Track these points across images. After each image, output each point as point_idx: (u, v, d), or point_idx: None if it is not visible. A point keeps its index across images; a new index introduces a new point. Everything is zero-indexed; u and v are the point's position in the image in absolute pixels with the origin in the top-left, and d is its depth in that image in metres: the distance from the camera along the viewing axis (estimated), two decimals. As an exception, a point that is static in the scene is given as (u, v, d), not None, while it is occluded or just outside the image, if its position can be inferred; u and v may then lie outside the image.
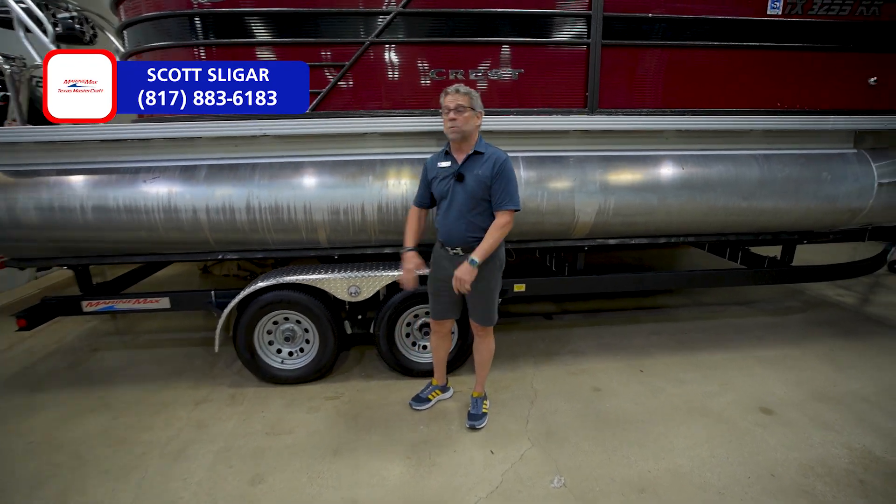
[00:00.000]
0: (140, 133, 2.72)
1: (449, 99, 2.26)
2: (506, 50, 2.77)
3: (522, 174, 2.87)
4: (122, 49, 2.95)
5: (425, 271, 2.64)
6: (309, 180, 2.78)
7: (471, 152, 2.32)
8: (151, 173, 2.75)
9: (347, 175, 2.81)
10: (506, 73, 2.80)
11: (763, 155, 3.16)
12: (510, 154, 2.39)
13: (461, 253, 2.41)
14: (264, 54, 2.71)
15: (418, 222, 2.58)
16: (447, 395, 2.93)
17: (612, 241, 3.34)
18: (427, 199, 2.53)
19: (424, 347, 3.24)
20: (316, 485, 2.26)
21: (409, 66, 2.74)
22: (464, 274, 2.31)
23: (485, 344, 2.64)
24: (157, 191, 2.73)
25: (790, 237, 3.58)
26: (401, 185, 2.82)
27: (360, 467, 2.37)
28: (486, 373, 2.75)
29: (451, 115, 2.24)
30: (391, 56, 2.71)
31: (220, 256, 3.08)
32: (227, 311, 2.96)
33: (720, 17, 2.88)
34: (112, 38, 3.46)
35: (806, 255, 4.03)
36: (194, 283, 5.40)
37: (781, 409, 2.83)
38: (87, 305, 3.13)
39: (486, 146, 2.34)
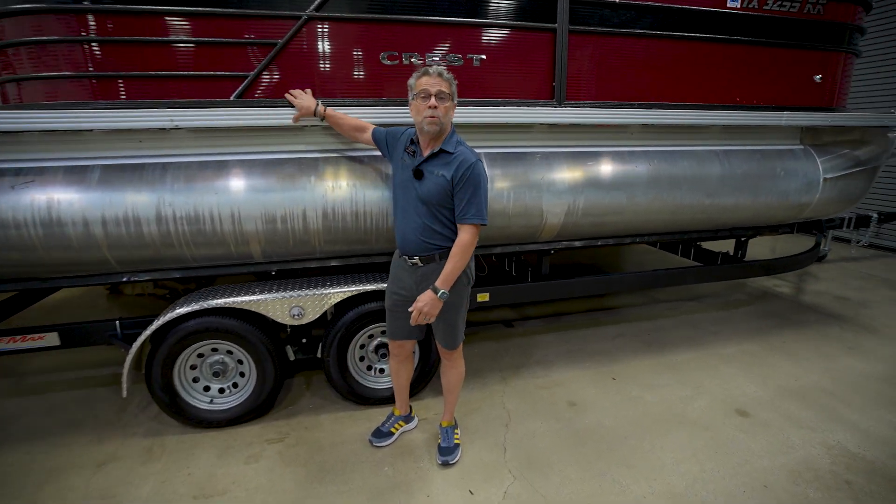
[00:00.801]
0: (5, 123, 2.09)
1: (428, 82, 1.88)
2: (467, 32, 2.46)
3: (486, 172, 2.57)
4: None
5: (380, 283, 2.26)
6: (236, 183, 2.29)
7: (437, 150, 1.98)
8: (22, 177, 2.13)
9: (284, 176, 2.36)
10: (467, 58, 2.49)
11: (723, 151, 3.12)
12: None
13: (420, 263, 2.07)
14: (175, 30, 2.18)
15: (354, 122, 2.28)
16: (412, 425, 2.57)
17: (578, 244, 3.15)
18: (382, 138, 2.20)
19: (382, 371, 2.85)
20: (260, 561, 1.82)
21: (356, 47, 2.35)
22: (425, 306, 1.98)
23: (453, 367, 2.31)
24: (33, 199, 2.12)
25: (745, 232, 3.60)
26: (349, 187, 2.42)
27: (315, 530, 1.95)
28: (456, 399, 2.43)
29: (433, 102, 1.87)
30: (334, 34, 2.30)
31: (124, 279, 2.49)
32: (136, 345, 2.40)
33: (683, 6, 2.76)
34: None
35: (727, 248, 4.10)
36: (99, 306, 4.58)
37: (755, 409, 2.77)
38: (-61, 349, 2.41)
39: (457, 144, 2.00)
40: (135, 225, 2.21)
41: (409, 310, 2.04)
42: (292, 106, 2.26)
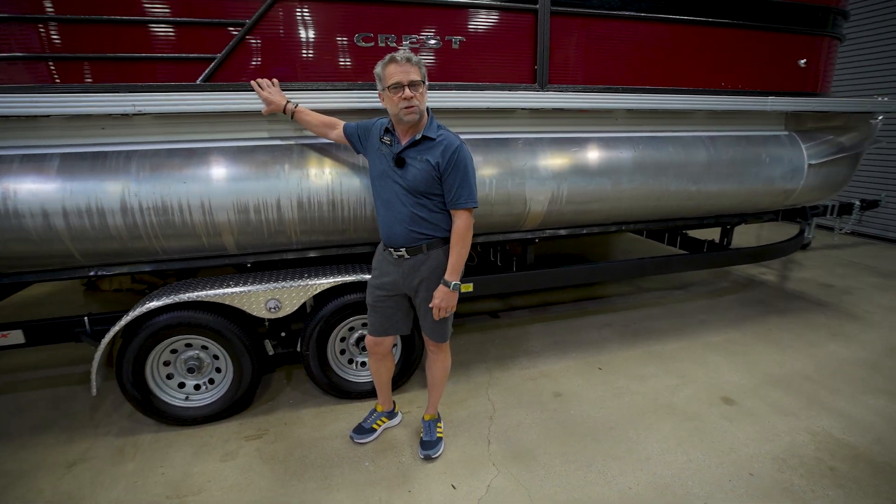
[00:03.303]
0: (-47, 110, 1.97)
1: (397, 71, 1.79)
2: (446, 12, 2.37)
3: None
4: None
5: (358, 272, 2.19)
6: (206, 171, 2.19)
7: (418, 137, 1.90)
8: (-25, 166, 2.02)
9: (257, 164, 2.26)
10: (445, 40, 2.41)
11: (709, 137, 3.08)
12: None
13: (406, 255, 2.00)
14: (138, 8, 2.06)
15: (324, 118, 2.21)
16: (395, 421, 2.51)
17: (563, 232, 3.10)
18: (353, 132, 2.12)
19: (363, 364, 2.78)
20: (234, 563, 1.76)
21: (329, 27, 2.25)
22: (442, 301, 1.97)
23: (439, 361, 2.25)
24: (-13, 190, 2.01)
25: (731, 220, 3.58)
26: (325, 175, 2.34)
27: (292, 529, 1.89)
28: (440, 393, 2.37)
29: (407, 92, 1.79)
30: (305, 14, 2.20)
31: (91, 273, 2.39)
32: (105, 342, 2.30)
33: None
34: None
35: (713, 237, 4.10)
36: (75, 302, 4.44)
37: (740, 397, 2.76)
38: None
39: (438, 129, 1.93)
40: (98, 216, 2.11)
41: (430, 305, 2.00)
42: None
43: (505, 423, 2.53)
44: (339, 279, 2.50)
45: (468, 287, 2.95)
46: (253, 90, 2.15)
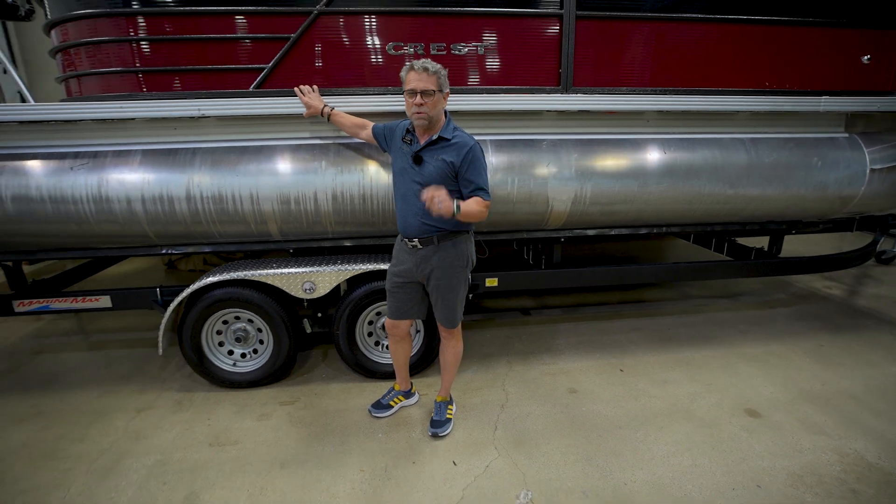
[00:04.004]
0: (65, 114, 2.44)
1: (413, 78, 1.98)
2: (471, 21, 2.52)
3: (492, 159, 2.64)
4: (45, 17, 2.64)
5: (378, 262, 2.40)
6: (255, 166, 2.52)
7: (435, 137, 2.07)
8: (79, 159, 2.47)
9: (297, 160, 2.55)
10: (471, 47, 2.55)
11: (750, 139, 2.96)
12: (477, 138, 2.16)
13: (419, 245, 2.18)
14: (203, 27, 2.42)
15: (355, 120, 2.43)
16: (412, 400, 2.71)
17: (590, 232, 3.13)
18: (380, 133, 2.32)
19: (388, 347, 3.00)
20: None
21: (363, 39, 2.48)
22: (439, 196, 1.87)
23: (450, 346, 2.42)
24: (86, 179, 2.46)
25: (778, 227, 3.39)
26: (357, 171, 2.58)
27: (307, 482, 2.15)
28: (452, 377, 2.53)
29: (418, 99, 1.97)
30: (342, 27, 2.45)
31: (163, 251, 2.82)
32: (170, 309, 2.71)
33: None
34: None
35: (791, 245, 3.86)
36: (158, 278, 5.12)
37: (768, 410, 2.65)
38: (18, 305, 2.86)
39: (454, 130, 2.10)
40: (168, 203, 2.50)
41: (423, 197, 1.92)
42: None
43: (515, 413, 2.63)
44: (367, 266, 2.74)
45: (493, 281, 3.09)
46: (296, 95, 2.44)
